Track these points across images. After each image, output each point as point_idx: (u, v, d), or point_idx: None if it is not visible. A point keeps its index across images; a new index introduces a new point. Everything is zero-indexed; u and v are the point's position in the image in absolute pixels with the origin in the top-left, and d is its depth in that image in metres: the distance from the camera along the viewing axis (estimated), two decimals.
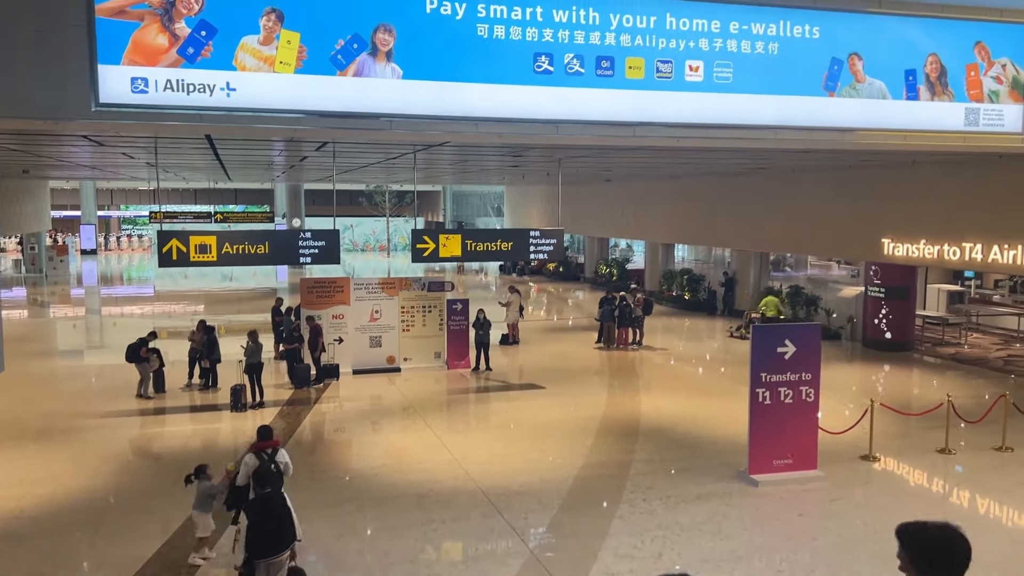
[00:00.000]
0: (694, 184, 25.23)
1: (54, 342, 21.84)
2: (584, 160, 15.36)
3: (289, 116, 8.83)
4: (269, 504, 6.96)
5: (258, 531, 6.78)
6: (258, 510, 6.96)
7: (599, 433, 12.43)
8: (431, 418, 13.31)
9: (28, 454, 11.36)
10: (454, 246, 14.04)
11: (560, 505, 9.42)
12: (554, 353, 19.20)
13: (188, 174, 25.05)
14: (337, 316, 16.41)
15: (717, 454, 11.36)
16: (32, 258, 37.83)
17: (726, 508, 9.32)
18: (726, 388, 15.94)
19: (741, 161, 15.83)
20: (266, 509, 6.92)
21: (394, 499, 9.63)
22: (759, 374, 10.12)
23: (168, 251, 12.75)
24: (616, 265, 32.97)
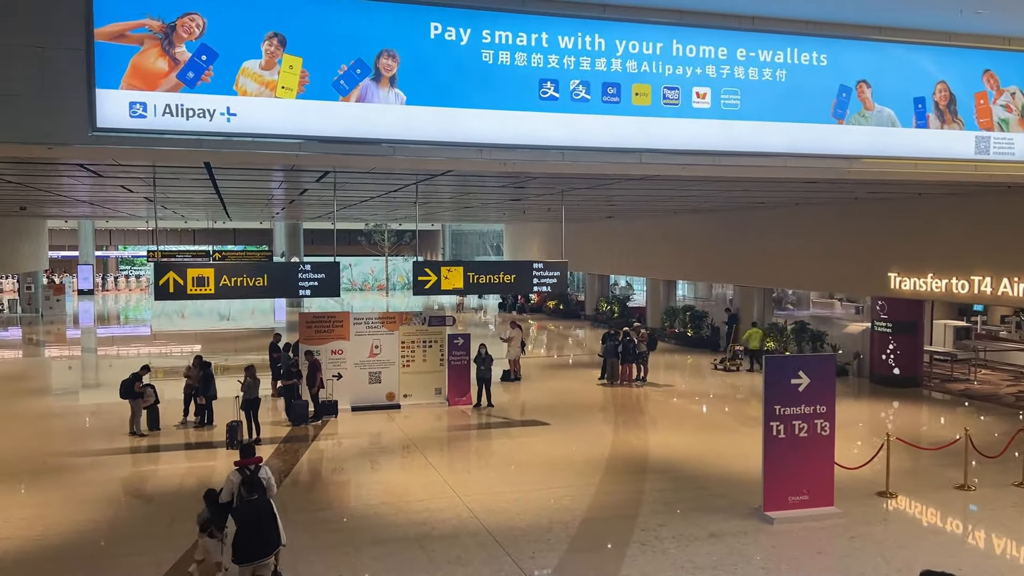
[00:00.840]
0: (696, 220, 25.12)
1: (48, 381, 21.46)
2: (587, 193, 15.21)
3: (291, 142, 8.64)
4: (255, 509, 7.14)
5: (244, 536, 6.93)
6: (244, 515, 7.08)
7: (606, 470, 12.05)
8: (432, 455, 12.93)
9: (16, 493, 10.95)
10: (456, 278, 13.79)
11: (569, 545, 9.03)
12: (557, 389, 18.84)
13: (187, 212, 24.90)
14: (336, 351, 16.09)
15: (729, 491, 10.98)
16: (28, 298, 37.53)
17: (742, 547, 8.94)
18: (734, 424, 15.58)
19: (747, 193, 15.69)
20: (252, 514, 7.08)
21: (395, 539, 9.24)
22: (773, 407, 9.80)
23: (165, 284, 12.48)
24: (617, 302, 32.74)
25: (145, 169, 11.15)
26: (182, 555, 8.63)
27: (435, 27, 8.91)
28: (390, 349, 16.47)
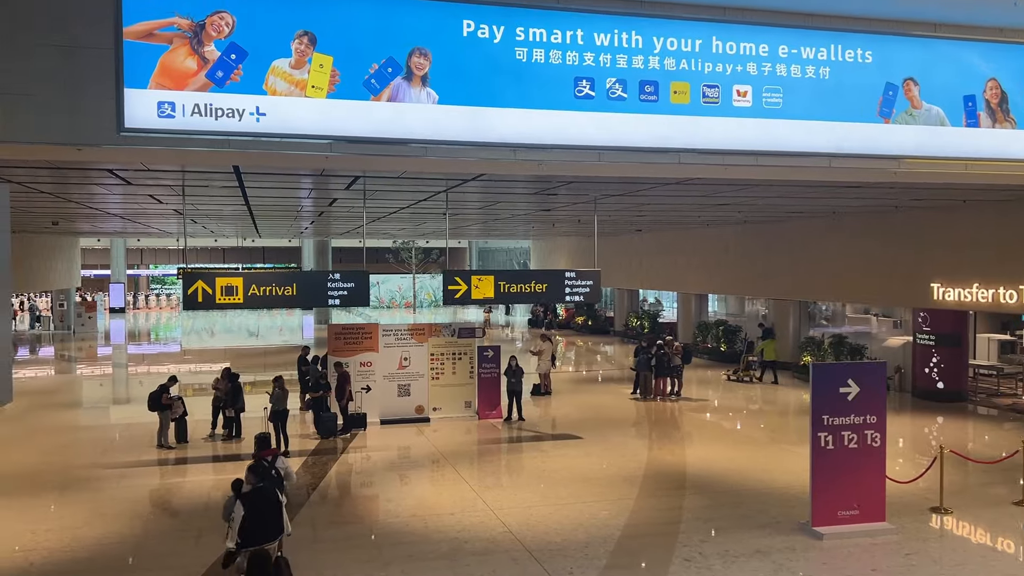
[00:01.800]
0: (729, 233, 24.68)
1: (78, 395, 21.45)
2: (619, 201, 14.89)
3: (321, 142, 8.44)
4: (262, 497, 7.52)
5: (250, 522, 7.23)
6: (252, 501, 7.41)
7: (643, 485, 11.63)
8: (463, 469, 12.59)
9: (44, 505, 10.78)
10: (487, 287, 13.53)
11: (608, 561, 8.63)
12: (588, 404, 18.43)
13: (216, 227, 24.94)
14: (365, 364, 15.86)
15: (773, 506, 10.52)
16: (61, 315, 37.89)
17: (791, 563, 8.49)
18: (773, 439, 15.08)
19: (784, 201, 15.27)
20: (259, 501, 7.45)
21: (426, 554, 8.90)
22: (820, 417, 9.37)
23: (193, 293, 12.36)
24: (647, 317, 32.24)
25: (174, 176, 11.04)
26: (208, 568, 8.38)
27: (468, 24, 8.69)
28: (419, 361, 16.21)
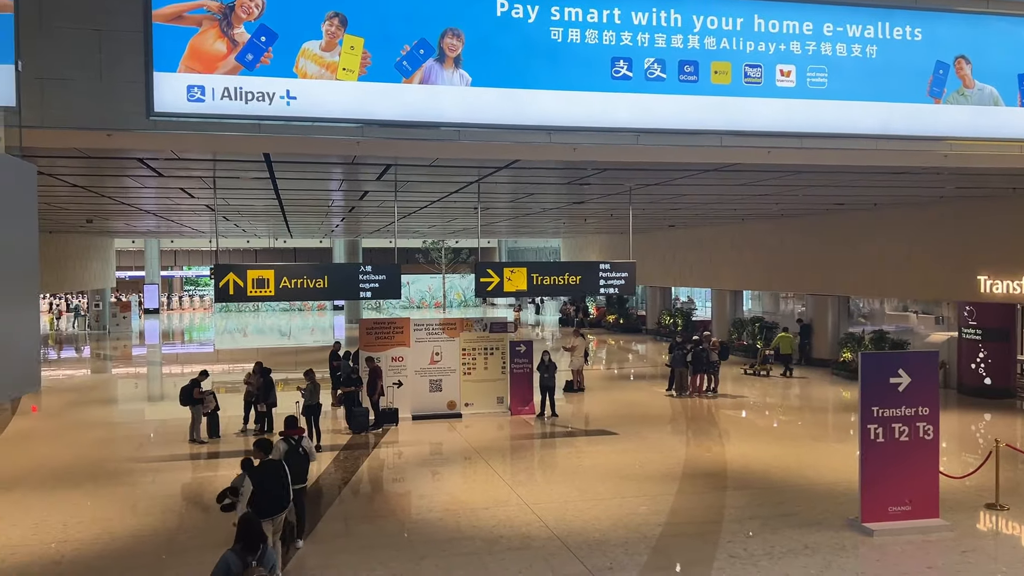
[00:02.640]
0: (764, 227, 24.19)
1: (113, 392, 21.57)
2: (655, 192, 14.54)
3: (352, 126, 8.26)
4: (272, 469, 7.88)
5: (259, 494, 7.59)
6: (262, 474, 7.80)
7: (682, 480, 11.30)
8: (497, 464, 12.36)
9: (76, 498, 10.72)
10: (519, 280, 13.29)
11: (649, 556, 8.34)
12: (622, 400, 18.10)
13: (248, 224, 24.98)
14: (396, 358, 15.69)
15: (818, 502, 10.14)
16: (96, 315, 38.35)
17: (841, 561, 8.12)
18: (815, 435, 14.65)
19: (826, 191, 14.80)
20: (268, 474, 7.82)
21: (461, 548, 8.67)
22: (870, 408, 8.99)
23: (225, 285, 12.27)
24: (681, 315, 31.77)
25: (205, 167, 10.94)
26: None
27: (502, 4, 8.45)
28: (451, 356, 16.02)
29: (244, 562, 5.64)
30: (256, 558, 5.70)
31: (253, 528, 5.88)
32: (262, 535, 5.94)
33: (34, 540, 8.99)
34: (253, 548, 5.74)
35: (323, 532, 9.31)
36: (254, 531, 5.86)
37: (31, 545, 8.83)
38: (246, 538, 5.79)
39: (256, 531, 5.88)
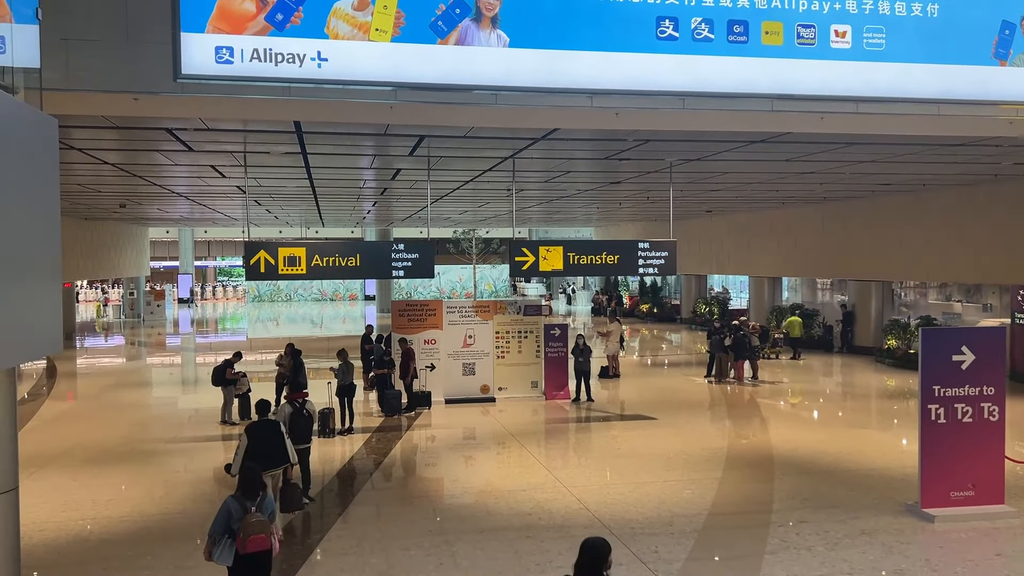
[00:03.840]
0: (805, 212, 23.54)
1: (147, 377, 21.57)
2: (696, 169, 14.04)
3: (385, 89, 7.93)
4: (267, 428, 8.29)
5: (255, 450, 7.88)
6: (257, 431, 8.22)
7: (728, 465, 10.86)
8: (533, 447, 12.01)
9: (106, 477, 10.56)
10: (555, 259, 12.92)
11: (696, 540, 7.93)
12: (660, 387, 17.66)
13: (280, 210, 24.85)
14: (429, 341, 15.41)
15: (873, 488, 9.65)
16: (131, 303, 38.66)
17: (903, 547, 7.64)
18: (865, 422, 14.13)
19: (875, 167, 14.17)
20: (264, 431, 8.22)
21: (499, 528, 8.34)
22: (931, 387, 8.47)
23: (256, 263, 12.05)
24: (717, 303, 31.12)
25: (235, 139, 10.69)
26: None
27: None
28: (484, 339, 15.68)
29: (244, 507, 5.95)
30: (255, 504, 6.00)
31: (253, 476, 6.16)
32: (261, 483, 6.20)
33: (62, 517, 8.83)
34: (252, 495, 6.05)
35: (355, 513, 9.03)
36: (254, 479, 6.13)
37: (59, 521, 8.66)
38: (246, 486, 6.10)
39: (256, 479, 6.16)
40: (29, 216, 5.36)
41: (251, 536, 5.81)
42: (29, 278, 5.21)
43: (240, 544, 5.81)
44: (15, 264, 4.95)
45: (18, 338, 5.03)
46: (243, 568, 5.92)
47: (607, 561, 4.42)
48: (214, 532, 5.92)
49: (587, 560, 4.44)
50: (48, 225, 5.68)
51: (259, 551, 5.88)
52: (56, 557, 7.67)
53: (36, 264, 5.38)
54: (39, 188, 5.48)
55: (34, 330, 5.20)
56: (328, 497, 9.74)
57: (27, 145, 5.23)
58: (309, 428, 9.53)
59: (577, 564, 4.48)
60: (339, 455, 11.74)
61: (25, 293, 5.15)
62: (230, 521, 5.89)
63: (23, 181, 5.20)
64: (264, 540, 5.88)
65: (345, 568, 7.31)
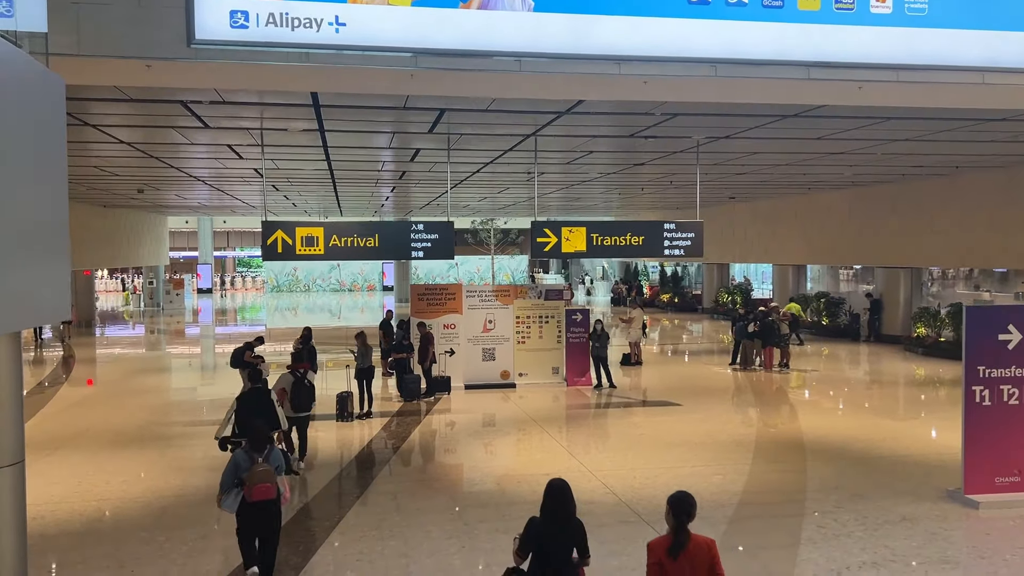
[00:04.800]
0: (831, 198, 23.04)
1: (166, 363, 21.48)
2: (724, 148, 13.62)
3: (405, 55, 7.63)
4: (254, 396, 8.67)
5: (244, 416, 8.26)
6: (248, 398, 8.66)
7: (757, 451, 10.52)
8: (556, 432, 11.72)
9: (121, 459, 10.37)
10: (578, 240, 12.61)
11: (728, 526, 7.61)
12: (683, 374, 17.32)
13: (298, 196, 24.67)
14: (449, 326, 15.14)
15: (910, 474, 9.28)
16: (150, 292, 38.72)
17: (947, 533, 7.29)
18: (898, 408, 13.77)
19: (911, 145, 13.70)
20: (251, 399, 8.61)
21: (523, 512, 8.02)
22: (975, 368, 8.09)
23: (273, 243, 11.84)
24: (740, 292, 30.64)
25: (251, 114, 10.44)
26: (286, 522, 7.75)
27: None
28: (504, 324, 15.39)
29: (251, 459, 6.26)
30: (263, 456, 6.29)
31: (260, 431, 6.49)
32: (269, 437, 6.58)
33: (75, 497, 8.64)
34: (260, 448, 6.34)
35: (373, 497, 8.78)
36: (261, 434, 6.46)
37: (72, 502, 8.48)
38: (253, 440, 6.40)
39: (263, 434, 6.49)
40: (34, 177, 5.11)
41: (256, 484, 6.10)
42: (34, 242, 4.97)
43: (247, 492, 6.10)
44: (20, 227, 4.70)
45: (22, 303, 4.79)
46: (250, 515, 6.22)
47: (572, 502, 4.57)
48: (224, 482, 6.27)
49: (552, 504, 4.53)
50: (55, 188, 5.42)
51: (265, 499, 6.15)
52: (69, 537, 7.47)
53: (41, 228, 5.13)
54: (45, 149, 5.22)
55: (39, 295, 4.96)
56: (346, 481, 9.50)
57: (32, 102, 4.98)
58: (311, 397, 9.99)
59: (543, 508, 4.55)
60: (357, 439, 11.51)
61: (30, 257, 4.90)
62: (238, 471, 6.20)
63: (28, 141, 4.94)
64: (270, 489, 6.14)
65: (364, 550, 7.06)
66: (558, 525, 4.50)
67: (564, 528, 4.50)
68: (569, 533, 4.51)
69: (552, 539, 4.46)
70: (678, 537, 4.26)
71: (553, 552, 4.46)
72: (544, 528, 4.48)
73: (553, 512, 4.50)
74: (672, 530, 4.30)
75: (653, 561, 4.26)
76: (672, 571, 4.18)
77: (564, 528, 4.50)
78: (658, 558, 4.24)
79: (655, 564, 4.24)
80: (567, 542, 4.51)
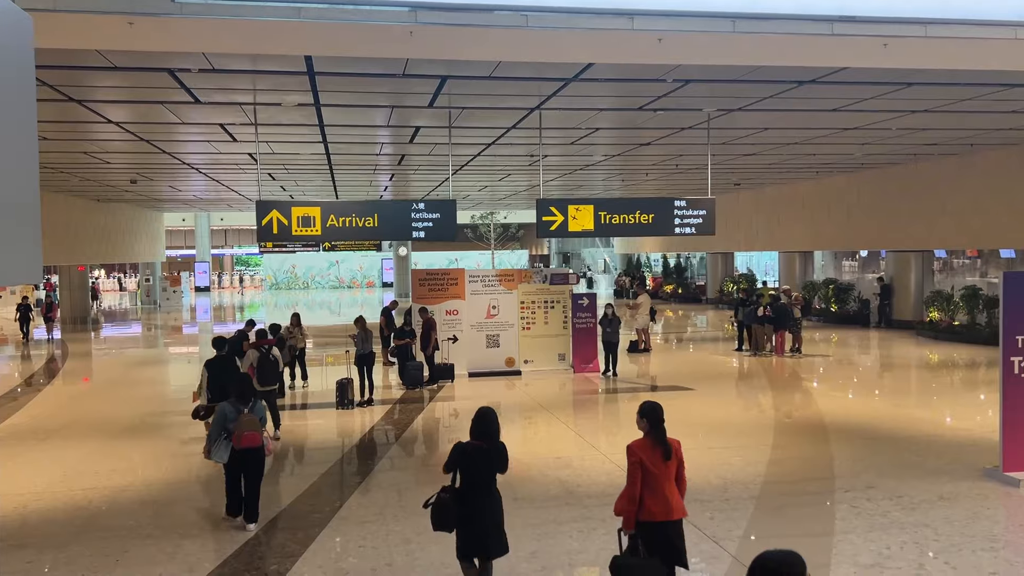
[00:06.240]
0: (839, 182, 22.58)
1: (161, 356, 21.01)
2: (735, 121, 13.13)
3: (402, 10, 7.16)
4: (223, 363, 9.28)
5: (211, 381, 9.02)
6: (212, 367, 9.18)
7: (776, 433, 10.06)
8: (565, 417, 11.27)
9: (110, 448, 9.89)
10: (585, 218, 12.15)
11: (755, 507, 7.15)
12: (693, 360, 16.88)
13: (295, 185, 24.20)
14: (451, 312, 14.67)
15: (942, 452, 8.83)
16: (147, 290, 38.23)
17: (990, 512, 6.83)
18: (920, 391, 13.31)
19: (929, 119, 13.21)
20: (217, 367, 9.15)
21: (535, 495, 7.60)
22: (1013, 338, 7.61)
23: (268, 224, 11.38)
24: (746, 281, 30.16)
25: (244, 88, 9.95)
26: (278, 513, 7.29)
27: None
28: (508, 310, 14.93)
29: (238, 410, 6.71)
30: (248, 408, 6.74)
31: (245, 385, 6.97)
32: (254, 391, 7.05)
33: (62, 487, 8.17)
34: (245, 401, 6.78)
35: (375, 484, 8.30)
36: (246, 387, 6.92)
37: (57, 491, 8.00)
38: (239, 393, 6.82)
39: (248, 387, 6.96)
40: None
41: (244, 432, 6.57)
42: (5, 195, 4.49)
43: (235, 439, 6.57)
44: None
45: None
46: (237, 462, 6.69)
47: (496, 425, 5.20)
48: (212, 433, 6.76)
49: (479, 427, 5.17)
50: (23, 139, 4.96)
51: (251, 447, 6.62)
52: (51, 527, 6.99)
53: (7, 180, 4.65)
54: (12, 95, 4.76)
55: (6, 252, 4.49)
56: (347, 468, 9.03)
57: None
58: (276, 372, 10.53)
59: (471, 432, 5.20)
60: (358, 426, 11.04)
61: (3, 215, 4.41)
62: (225, 422, 6.66)
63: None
64: (256, 437, 6.63)
65: (367, 536, 6.60)
66: (484, 447, 5.12)
67: (489, 449, 5.13)
68: (493, 454, 5.14)
69: (480, 457, 5.10)
70: (665, 444, 4.83)
71: (479, 470, 5.10)
72: (472, 448, 5.12)
73: (480, 435, 5.14)
74: (656, 438, 4.83)
75: (635, 460, 4.79)
76: (652, 467, 4.75)
77: (489, 449, 5.13)
78: (639, 458, 4.78)
79: (636, 463, 4.77)
80: (491, 462, 5.14)
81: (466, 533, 5.09)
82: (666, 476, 4.77)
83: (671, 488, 4.79)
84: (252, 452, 6.64)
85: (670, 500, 4.75)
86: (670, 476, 4.80)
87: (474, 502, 5.07)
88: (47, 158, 16.29)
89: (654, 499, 4.71)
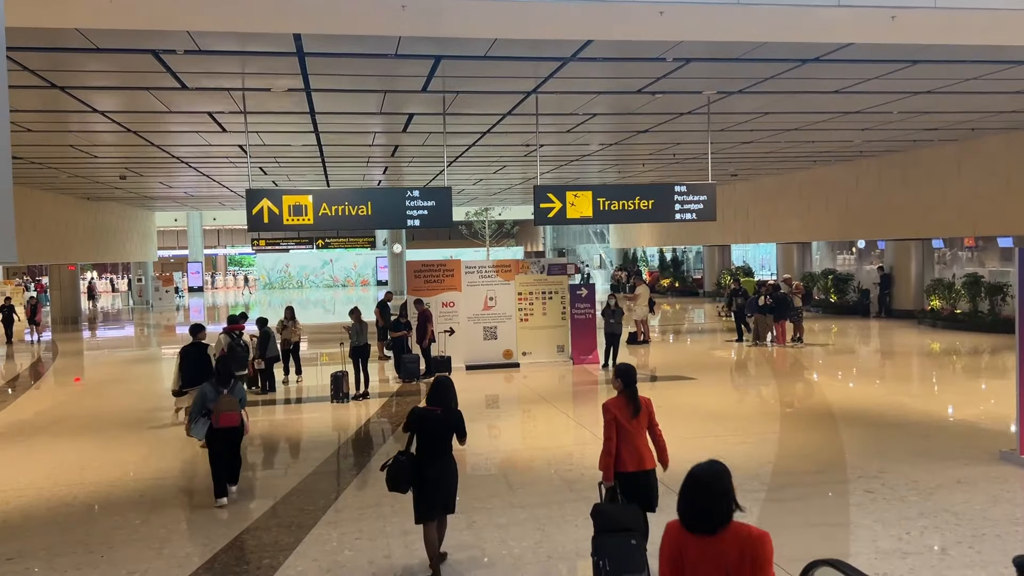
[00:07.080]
0: (837, 171, 22.37)
1: (152, 354, 20.69)
2: (735, 104, 12.88)
3: None
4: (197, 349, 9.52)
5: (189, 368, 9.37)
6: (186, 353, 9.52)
7: (783, 420, 9.82)
8: (566, 407, 11.02)
9: (97, 444, 9.60)
10: (584, 205, 11.89)
11: (767, 494, 6.90)
12: (694, 351, 16.63)
13: (286, 178, 23.89)
14: (448, 304, 14.39)
15: (955, 437, 8.61)
16: (139, 290, 37.86)
17: (1010, 495, 6.59)
18: (926, 378, 13.09)
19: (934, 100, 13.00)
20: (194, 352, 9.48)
21: (539, 483, 7.34)
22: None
23: (258, 213, 11.09)
24: (743, 273, 29.96)
25: (232, 72, 9.66)
26: (271, 506, 7.02)
27: None
28: (506, 301, 14.66)
29: (217, 391, 6.98)
30: (228, 389, 7.01)
31: (226, 367, 7.30)
32: (232, 373, 7.27)
33: (46, 483, 7.88)
34: (225, 382, 7.07)
35: (372, 476, 8.02)
36: (226, 370, 7.24)
37: (41, 487, 7.72)
38: (220, 375, 7.14)
39: (228, 370, 7.26)
40: None
41: (223, 412, 6.86)
42: None
43: (214, 419, 6.85)
44: None
45: None
46: (216, 441, 6.95)
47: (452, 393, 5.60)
48: (193, 412, 7.06)
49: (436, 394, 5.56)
50: None
51: (230, 426, 6.93)
52: (33, 523, 6.71)
53: None
54: None
55: None
56: (343, 462, 8.76)
57: None
58: (246, 358, 11.26)
59: (428, 398, 5.59)
60: (354, 419, 10.78)
61: None
62: (206, 402, 6.95)
63: None
64: (234, 417, 6.94)
65: (364, 527, 6.33)
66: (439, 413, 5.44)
67: (446, 416, 5.45)
68: (450, 421, 5.45)
69: (435, 423, 5.41)
70: (636, 402, 5.27)
71: (435, 435, 5.41)
72: (427, 412, 5.44)
73: (437, 402, 5.48)
74: (628, 397, 5.27)
75: (609, 417, 5.23)
76: (625, 423, 5.21)
77: (446, 416, 5.45)
78: (613, 415, 5.23)
79: (612, 420, 5.22)
80: (447, 428, 5.44)
81: (422, 496, 5.38)
82: (638, 431, 5.23)
83: (643, 442, 5.27)
84: (231, 431, 6.98)
85: (642, 453, 5.24)
86: (642, 431, 5.27)
87: (430, 466, 5.38)
88: (32, 152, 15.98)
89: (628, 452, 5.20)
